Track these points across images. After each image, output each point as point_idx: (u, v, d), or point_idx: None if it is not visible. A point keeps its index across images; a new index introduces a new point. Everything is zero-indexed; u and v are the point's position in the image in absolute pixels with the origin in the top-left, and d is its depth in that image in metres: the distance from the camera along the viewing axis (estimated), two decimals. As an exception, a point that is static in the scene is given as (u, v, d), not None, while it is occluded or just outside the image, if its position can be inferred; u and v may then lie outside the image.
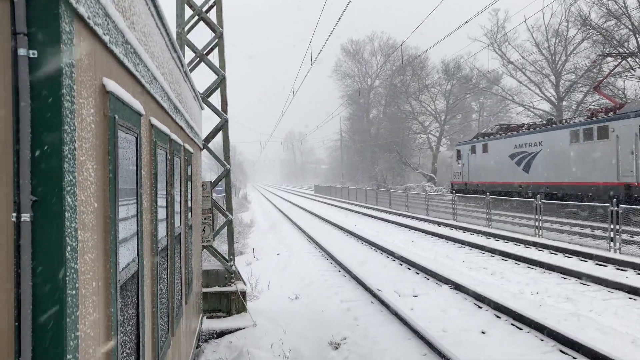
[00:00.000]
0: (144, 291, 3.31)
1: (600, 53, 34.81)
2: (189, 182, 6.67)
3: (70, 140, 1.85)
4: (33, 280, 1.71)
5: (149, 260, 3.62)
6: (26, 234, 1.70)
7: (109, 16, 2.34)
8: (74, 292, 1.86)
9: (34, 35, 1.73)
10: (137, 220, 3.07)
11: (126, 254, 2.78)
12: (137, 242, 3.08)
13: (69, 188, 1.82)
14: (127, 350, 2.80)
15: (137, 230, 3.07)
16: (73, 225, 1.87)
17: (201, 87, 9.77)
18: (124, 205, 2.69)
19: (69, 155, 1.84)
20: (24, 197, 1.70)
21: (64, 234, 1.77)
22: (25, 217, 1.70)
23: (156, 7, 3.83)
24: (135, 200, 3.01)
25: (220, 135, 10.28)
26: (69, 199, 1.82)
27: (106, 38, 2.31)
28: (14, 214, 1.70)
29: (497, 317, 9.28)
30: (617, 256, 13.98)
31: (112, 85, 2.41)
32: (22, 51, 1.70)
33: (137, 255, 3.08)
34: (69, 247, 1.81)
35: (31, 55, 1.72)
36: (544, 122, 31.57)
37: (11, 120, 1.70)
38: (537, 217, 19.10)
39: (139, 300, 3.12)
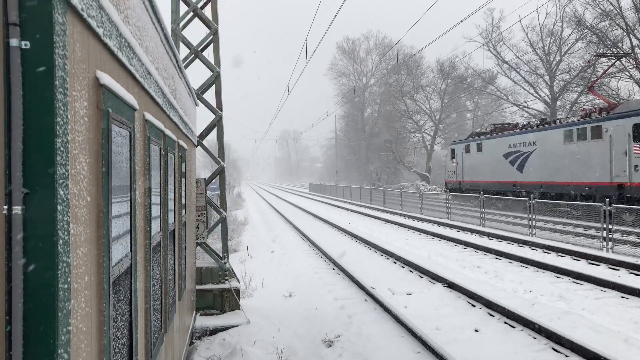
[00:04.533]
0: (137, 287, 3.29)
1: (595, 53, 34.97)
2: (183, 179, 6.65)
3: (63, 133, 1.83)
4: (24, 274, 1.69)
5: (142, 256, 3.60)
6: (18, 226, 1.68)
7: (103, 8, 2.32)
8: (65, 286, 1.84)
9: (27, 26, 1.71)
10: (130, 216, 3.05)
11: (119, 249, 2.76)
12: (130, 237, 3.06)
13: (61, 181, 1.80)
14: (119, 346, 2.78)
15: (130, 226, 3.05)
16: (65, 218, 1.85)
17: (196, 84, 9.74)
18: (117, 199, 2.67)
19: (62, 148, 1.82)
20: (15, 190, 1.68)
21: (56, 227, 1.75)
22: (17, 209, 1.68)
23: (151, 1, 3.80)
24: (128, 195, 2.98)
25: (214, 132, 10.25)
26: (62, 192, 1.81)
27: (100, 30, 2.28)
28: (5, 207, 1.67)
29: (491, 315, 9.31)
30: (610, 255, 14.05)
31: (105, 79, 2.39)
32: (14, 42, 1.68)
33: (130, 250, 3.06)
34: (61, 241, 1.79)
35: (23, 46, 1.70)
36: (538, 121, 31.70)
37: (2, 111, 1.68)
38: (530, 216, 19.17)
39: (131, 296, 3.10)
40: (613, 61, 30.63)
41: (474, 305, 9.99)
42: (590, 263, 13.76)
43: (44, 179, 1.73)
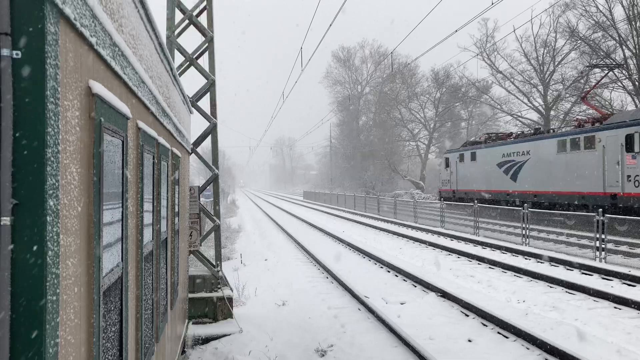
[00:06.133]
0: (128, 297, 3.26)
1: (588, 64, 35.27)
2: (177, 187, 6.62)
3: (54, 143, 1.82)
4: (12, 285, 1.67)
5: (134, 266, 3.57)
6: (6, 237, 1.66)
7: (96, 18, 2.31)
8: (54, 297, 1.82)
9: (18, 36, 1.70)
10: (122, 225, 3.02)
11: (110, 259, 2.74)
12: (122, 247, 3.03)
13: (51, 192, 1.79)
14: (109, 357, 2.75)
15: (122, 235, 3.02)
16: (55, 229, 1.83)
17: (191, 91, 9.72)
18: (108, 209, 2.65)
19: (52, 159, 1.80)
20: (4, 200, 1.66)
21: (45, 239, 1.73)
22: (6, 220, 1.66)
23: (145, 10, 3.80)
24: (120, 205, 2.96)
25: (209, 139, 10.23)
26: (51, 203, 1.79)
27: (93, 40, 2.27)
28: (-6, 218, 1.66)
29: (484, 325, 9.30)
30: (603, 265, 14.10)
31: (98, 88, 2.38)
32: (5, 51, 1.67)
33: (122, 260, 3.03)
34: (50, 252, 1.77)
35: (15, 56, 1.69)
36: (532, 131, 31.87)
37: (-7, 121, 1.66)
38: (524, 225, 19.22)
39: (122, 306, 3.07)
40: (606, 72, 30.90)
41: (467, 315, 9.98)
42: (583, 273, 13.79)
43: (33, 189, 1.71)
